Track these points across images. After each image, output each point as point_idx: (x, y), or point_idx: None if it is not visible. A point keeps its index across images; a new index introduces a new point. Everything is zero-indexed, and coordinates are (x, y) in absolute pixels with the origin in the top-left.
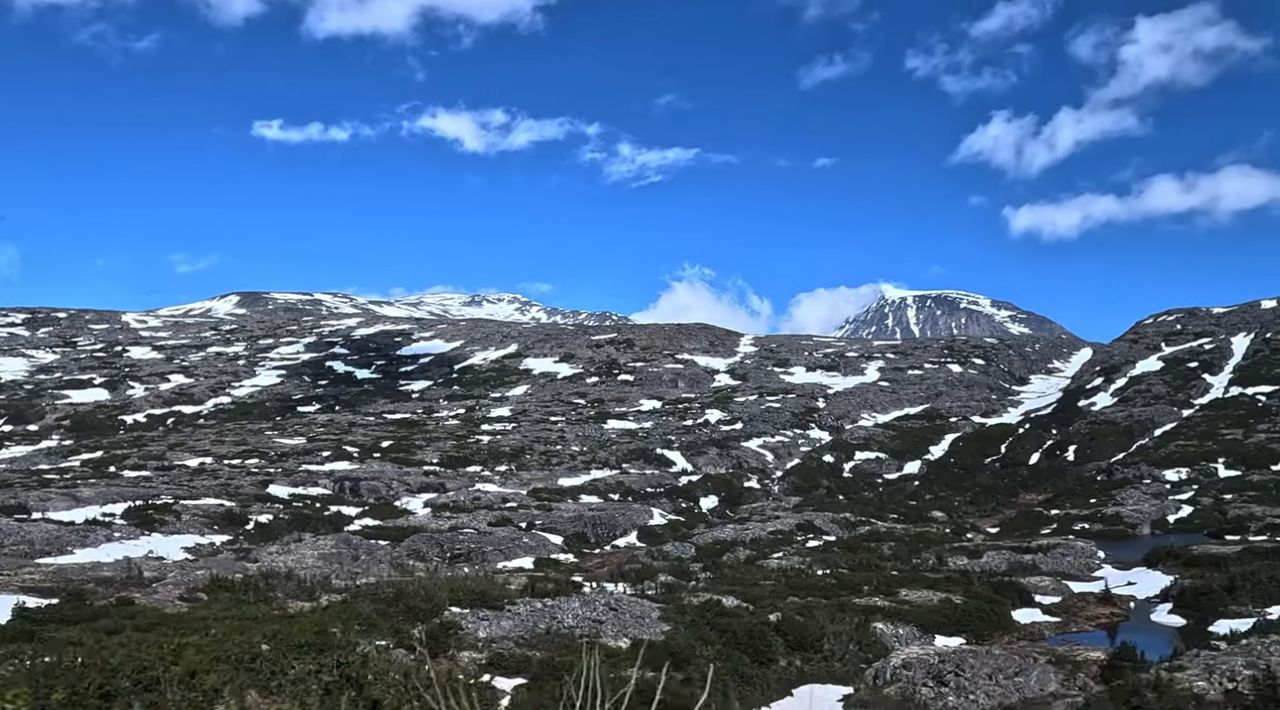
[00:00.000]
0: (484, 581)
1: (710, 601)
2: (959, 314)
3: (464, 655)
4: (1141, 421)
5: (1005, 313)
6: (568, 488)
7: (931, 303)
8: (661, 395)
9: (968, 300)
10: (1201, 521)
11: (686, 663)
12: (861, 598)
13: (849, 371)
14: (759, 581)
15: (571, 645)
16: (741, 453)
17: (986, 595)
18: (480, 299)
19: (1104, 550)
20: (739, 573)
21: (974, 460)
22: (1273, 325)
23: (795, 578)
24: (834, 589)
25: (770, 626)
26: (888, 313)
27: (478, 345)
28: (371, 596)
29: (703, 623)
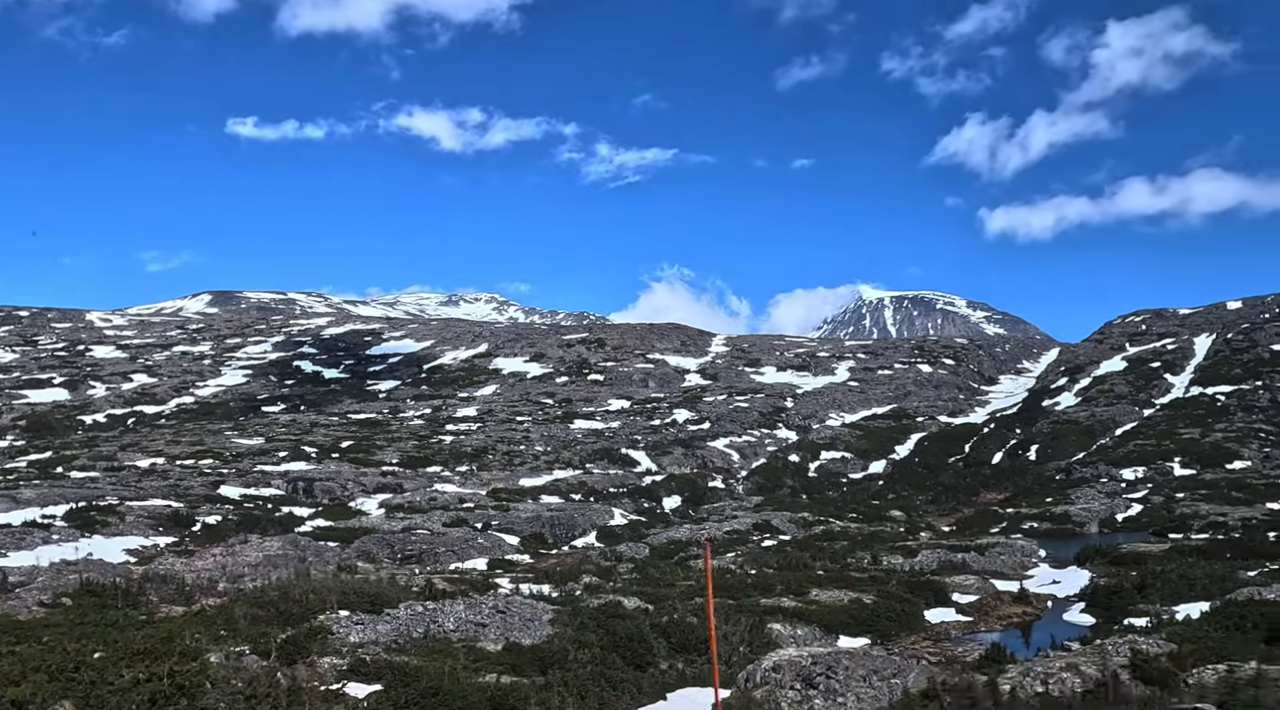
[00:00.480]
0: (380, 584)
1: (610, 603)
2: (935, 315)
3: (325, 661)
4: (1103, 421)
5: (981, 313)
6: (529, 488)
7: (908, 303)
8: (631, 395)
9: (944, 301)
10: (1149, 520)
11: (559, 666)
12: (770, 598)
13: (819, 371)
14: (676, 582)
15: (446, 650)
16: (707, 452)
17: (900, 595)
18: (457, 299)
19: (1048, 549)
20: (663, 574)
21: (938, 460)
22: (1234, 326)
23: (718, 578)
24: (748, 589)
25: (658, 628)
26: (865, 313)
27: (448, 345)
28: (253, 600)
29: (591, 625)
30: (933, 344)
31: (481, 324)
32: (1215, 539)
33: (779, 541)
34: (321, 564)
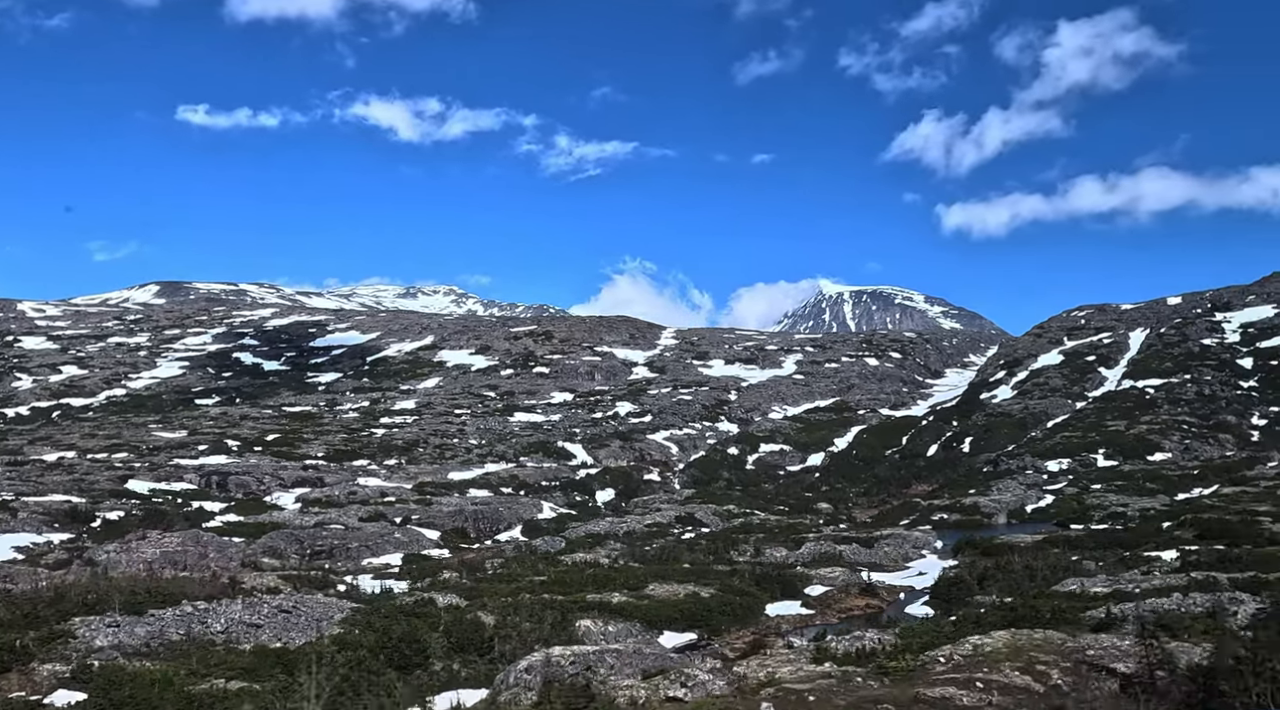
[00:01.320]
0: (183, 582)
1: (422, 600)
2: (894, 309)
3: (46, 668)
4: (1036, 413)
5: (938, 308)
6: (458, 481)
7: (867, 298)
8: (574, 388)
9: (902, 296)
10: (1056, 511)
11: (307, 670)
12: (602, 594)
13: (767, 364)
14: (528, 577)
15: (201, 652)
16: (645, 445)
17: (744, 588)
18: (415, 291)
19: (947, 540)
20: (522, 569)
21: (875, 452)
22: (1169, 320)
23: (573, 572)
24: (586, 584)
25: (449, 627)
26: (825, 308)
27: (394, 337)
28: (8, 602)
29: (378, 625)
30: (881, 338)
31: (430, 316)
32: (1094, 530)
33: (698, 534)
34: (224, 561)
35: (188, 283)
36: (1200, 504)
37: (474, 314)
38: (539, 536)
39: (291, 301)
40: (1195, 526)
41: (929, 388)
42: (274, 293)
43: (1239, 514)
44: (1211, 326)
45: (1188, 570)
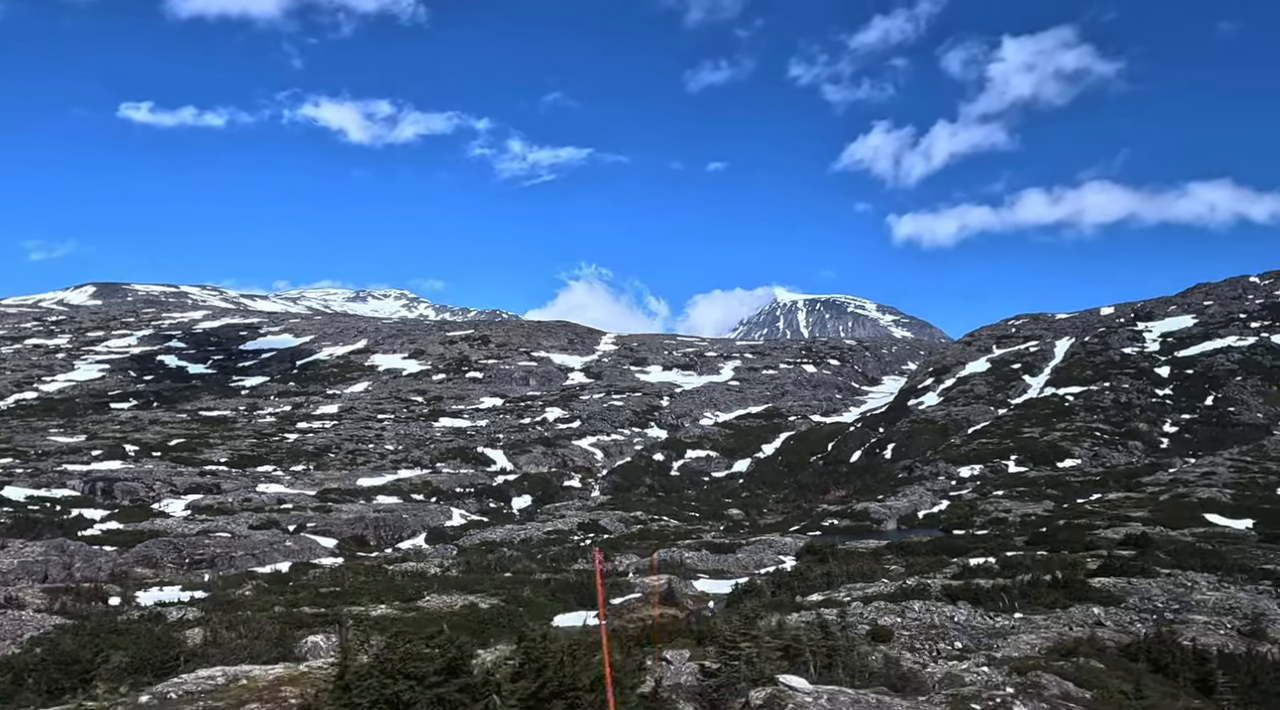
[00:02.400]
0: None
1: (151, 614)
2: (847, 317)
3: None
4: (958, 420)
5: (890, 317)
6: (366, 488)
7: (821, 306)
8: (506, 393)
9: (855, 304)
10: (947, 516)
11: None
12: (366, 605)
13: (705, 371)
14: (326, 587)
15: None
16: (569, 451)
17: (531, 599)
18: (365, 295)
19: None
20: (347, 580)
21: (801, 458)
22: (1094, 329)
23: (372, 584)
24: (356, 595)
25: (126, 646)
26: (779, 315)
27: (329, 341)
28: None
29: (50, 644)
30: (821, 345)
31: (367, 320)
32: (934, 538)
33: (597, 540)
34: (91, 571)
35: (126, 284)
36: (1081, 510)
37: (425, 318)
38: (442, 543)
39: (234, 304)
40: (1026, 533)
41: (864, 394)
42: (217, 295)
43: (1110, 519)
44: (1133, 336)
45: (906, 578)
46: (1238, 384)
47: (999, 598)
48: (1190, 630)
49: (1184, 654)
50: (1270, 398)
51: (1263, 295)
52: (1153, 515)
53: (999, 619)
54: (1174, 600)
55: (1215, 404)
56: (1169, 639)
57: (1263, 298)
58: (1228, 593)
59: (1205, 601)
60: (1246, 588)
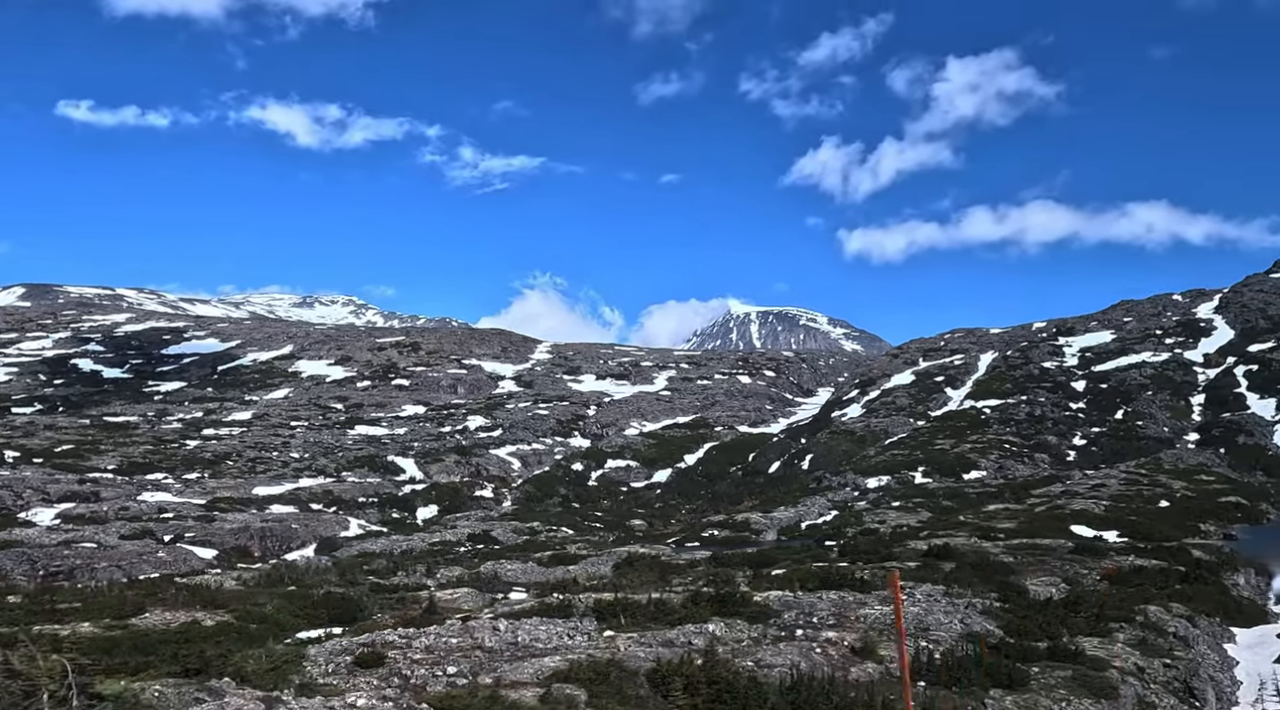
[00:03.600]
0: None
1: None
2: (798, 330)
3: None
4: (876, 431)
5: (840, 330)
6: (262, 497)
7: (773, 318)
8: (430, 401)
9: (806, 317)
10: (829, 527)
11: None
12: (63, 624)
13: (638, 380)
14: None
15: None
16: (485, 460)
17: (274, 615)
18: (312, 301)
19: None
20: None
21: (721, 469)
22: (1015, 344)
23: (143, 596)
24: (67, 612)
25: None
26: (733, 327)
27: (256, 346)
28: None
29: None
30: (758, 356)
31: (298, 325)
32: (767, 550)
33: (480, 550)
34: None
35: (58, 286)
36: (952, 521)
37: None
38: (329, 554)
39: (172, 308)
40: (842, 545)
41: (796, 406)
42: (154, 299)
43: (973, 530)
44: (1054, 350)
45: (660, 590)
46: (1147, 399)
47: (637, 614)
48: (781, 652)
49: (724, 679)
50: (1177, 412)
51: (1181, 312)
52: (1020, 526)
53: (579, 637)
54: (831, 615)
55: (1124, 418)
56: (723, 662)
57: (1180, 315)
58: (924, 608)
59: (868, 616)
60: (958, 601)
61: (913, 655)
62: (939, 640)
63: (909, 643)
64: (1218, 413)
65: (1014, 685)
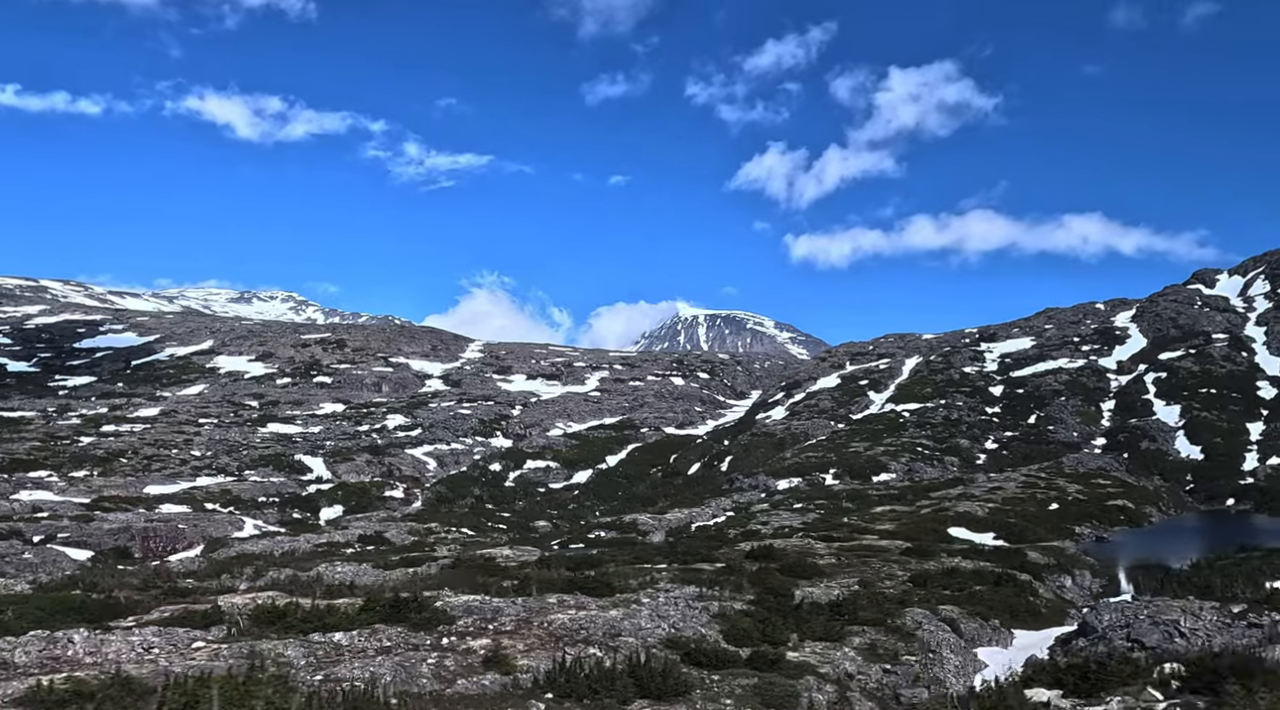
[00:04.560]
0: None
1: None
2: (745, 333)
3: None
4: (796, 434)
5: (787, 334)
6: (153, 496)
7: (721, 322)
8: (351, 399)
9: (753, 321)
10: (717, 528)
11: None
12: None
13: (570, 381)
14: None
15: None
16: (399, 460)
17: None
18: (250, 296)
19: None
20: None
21: (642, 470)
22: (943, 349)
23: None
24: None
25: None
26: (681, 330)
27: (176, 341)
28: None
29: None
30: (693, 358)
31: (222, 320)
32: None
33: (366, 552)
34: None
35: None
36: (834, 522)
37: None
38: (209, 555)
39: (100, 301)
40: (673, 544)
41: (727, 408)
42: (81, 291)
43: (852, 531)
44: (975, 356)
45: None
46: (1060, 404)
47: (293, 623)
48: (379, 664)
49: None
50: (1087, 417)
51: (1100, 321)
52: (898, 528)
53: (157, 651)
54: (514, 621)
55: (1037, 422)
56: (272, 680)
57: (1099, 323)
58: (652, 611)
59: (555, 621)
60: (699, 604)
61: (557, 666)
62: (622, 646)
63: (581, 650)
64: (1126, 418)
65: (667, 696)
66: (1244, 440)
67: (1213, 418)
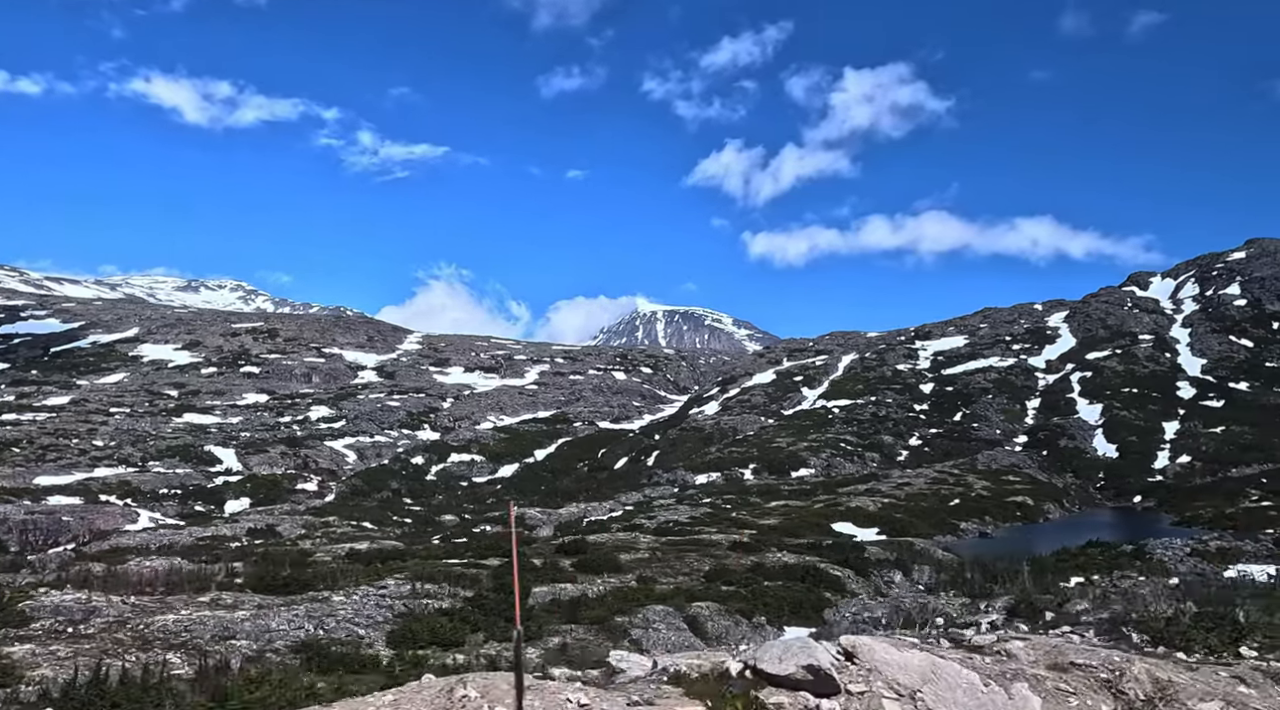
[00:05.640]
0: None
1: None
2: (703, 330)
3: None
4: (725, 429)
5: (745, 331)
6: (43, 487)
7: (679, 318)
8: (277, 390)
9: (712, 317)
10: (611, 522)
11: None
12: None
13: (509, 374)
14: None
15: None
16: (316, 452)
17: None
18: (198, 285)
19: None
20: None
21: (569, 464)
22: (875, 346)
23: None
24: None
25: None
26: (639, 325)
27: (101, 329)
28: None
29: None
30: (638, 353)
31: (152, 306)
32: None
33: (253, 545)
34: None
35: None
36: (724, 515)
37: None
38: (89, 547)
39: (36, 287)
40: (501, 541)
41: (667, 403)
42: (15, 276)
43: (731, 523)
44: (909, 354)
45: None
46: (987, 402)
47: None
48: None
49: None
50: (1012, 415)
51: (1035, 320)
52: (781, 523)
53: None
54: (110, 621)
55: (962, 420)
56: None
57: (1033, 323)
58: (355, 608)
59: (159, 622)
60: (413, 602)
61: (90, 677)
62: (230, 651)
63: (154, 656)
64: (1049, 417)
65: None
66: (1159, 439)
67: (1131, 417)
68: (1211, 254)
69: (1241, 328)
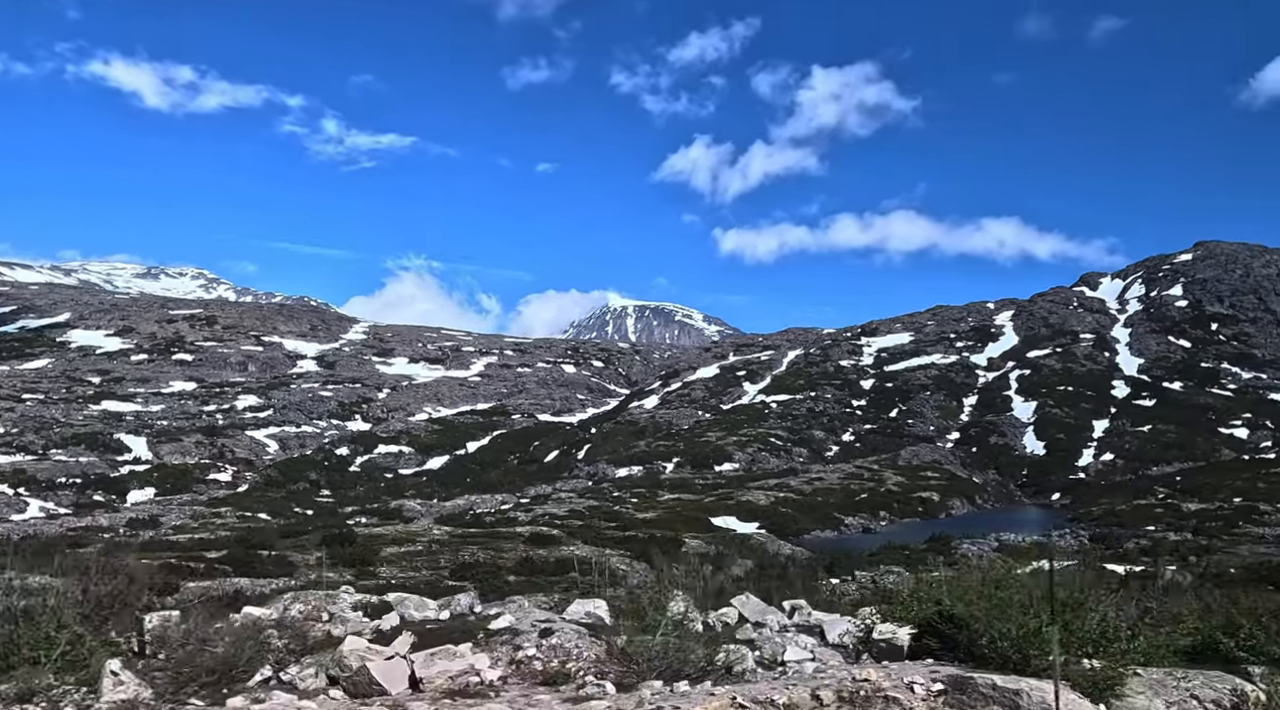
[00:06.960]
0: None
1: None
2: (674, 326)
3: None
4: (660, 423)
5: (715, 327)
6: None
7: (650, 313)
8: (207, 378)
9: (683, 313)
10: (493, 516)
11: None
12: None
13: (454, 365)
14: None
15: None
16: (235, 442)
17: None
18: (158, 272)
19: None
20: None
21: (499, 457)
22: (821, 344)
23: None
24: None
25: None
26: (610, 320)
27: (32, 313)
28: None
29: None
30: (590, 346)
31: (96, 291)
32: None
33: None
34: None
35: None
36: (610, 511)
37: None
38: None
39: None
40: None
41: (614, 396)
42: None
43: (610, 516)
44: (853, 350)
45: None
46: (924, 398)
47: None
48: None
49: None
50: (947, 412)
51: (984, 318)
52: (660, 516)
53: None
54: None
55: (898, 416)
56: None
57: (980, 321)
58: None
59: None
60: None
61: None
62: None
63: None
64: (984, 414)
65: None
66: (1087, 437)
67: (1063, 415)
68: (1160, 256)
69: (1181, 328)
